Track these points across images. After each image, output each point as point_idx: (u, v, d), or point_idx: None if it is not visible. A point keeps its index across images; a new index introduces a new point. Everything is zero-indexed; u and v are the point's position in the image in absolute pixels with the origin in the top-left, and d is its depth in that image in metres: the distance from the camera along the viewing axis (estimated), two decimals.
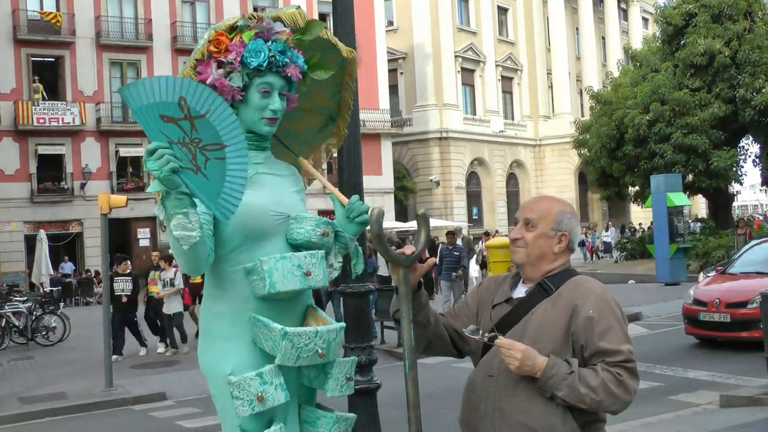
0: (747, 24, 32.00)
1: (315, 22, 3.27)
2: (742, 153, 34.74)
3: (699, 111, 31.55)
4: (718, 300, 13.47)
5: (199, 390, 12.08)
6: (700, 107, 31.67)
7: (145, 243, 38.29)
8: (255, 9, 38.37)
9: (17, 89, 35.89)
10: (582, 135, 38.62)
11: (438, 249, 20.51)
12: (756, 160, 35.08)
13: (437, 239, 18.76)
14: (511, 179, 57.72)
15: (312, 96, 3.45)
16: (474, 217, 52.37)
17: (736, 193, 39.13)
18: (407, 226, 38.64)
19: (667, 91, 31.72)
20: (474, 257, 25.84)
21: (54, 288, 28.58)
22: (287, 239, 3.14)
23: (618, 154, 33.93)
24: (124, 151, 37.85)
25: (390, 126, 46.80)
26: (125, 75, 38.93)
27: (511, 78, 58.72)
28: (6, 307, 19.60)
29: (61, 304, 26.34)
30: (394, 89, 50.78)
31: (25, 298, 21.50)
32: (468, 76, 54.49)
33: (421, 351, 3.15)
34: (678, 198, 27.20)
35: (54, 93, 37.11)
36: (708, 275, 16.56)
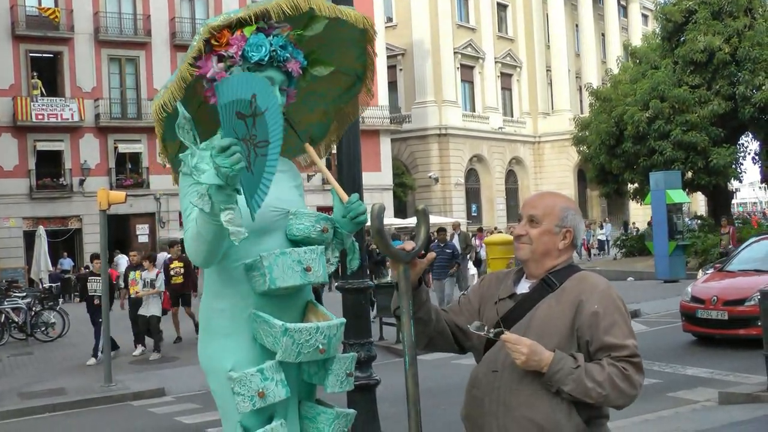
0: (747, 21, 31.95)
1: (318, 18, 3.27)
2: (741, 150, 34.69)
3: (698, 108, 31.51)
4: (715, 297, 13.47)
5: (199, 386, 12.09)
6: (699, 104, 31.63)
7: (144, 239, 38.27)
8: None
9: (16, 85, 35.85)
10: (581, 132, 38.57)
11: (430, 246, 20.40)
12: (755, 157, 35.04)
13: (434, 235, 18.73)
14: (510, 176, 57.71)
15: (337, 56, 3.44)
16: (473, 214, 52.36)
17: (735, 191, 39.06)
18: (406, 222, 38.66)
19: (667, 88, 31.68)
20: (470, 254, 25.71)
21: (53, 284, 28.59)
22: (287, 235, 3.15)
23: (617, 151, 33.89)
24: (123, 147, 37.81)
25: (389, 122, 46.77)
26: (124, 71, 38.90)
27: (511, 75, 58.69)
28: (5, 303, 19.59)
29: (60, 300, 26.31)
30: (393, 86, 50.77)
31: (24, 294, 21.50)
32: (467, 72, 54.46)
33: (423, 347, 3.14)
34: (677, 195, 27.17)
35: (53, 89, 37.06)
36: (707, 272, 16.56)
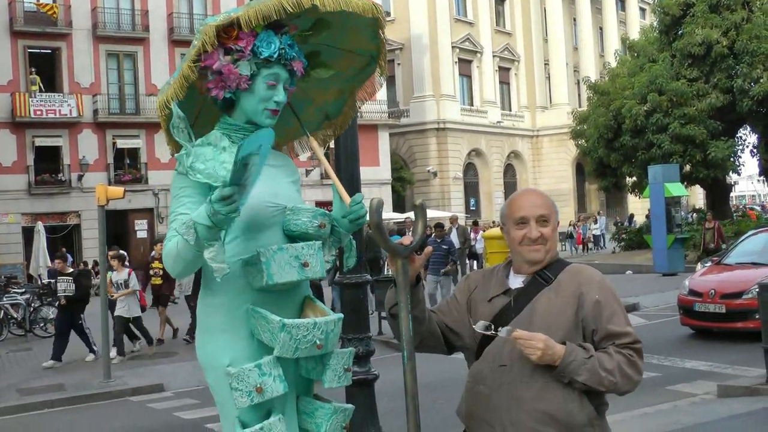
0: (745, 14, 31.90)
1: (325, 22, 3.29)
2: (739, 143, 34.67)
3: (697, 101, 31.49)
4: (713, 291, 13.48)
5: (197, 381, 12.09)
6: (697, 97, 31.61)
7: (143, 234, 38.26)
8: None
9: (14, 81, 35.80)
10: (579, 126, 38.57)
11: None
12: (754, 150, 35.02)
13: (430, 229, 18.66)
14: (509, 170, 57.72)
15: (350, 39, 3.45)
16: (471, 208, 52.37)
17: (733, 184, 39.03)
18: (404, 217, 38.62)
19: (665, 82, 31.66)
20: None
21: (52, 280, 28.47)
22: (284, 230, 3.14)
23: (615, 144, 33.88)
24: (121, 143, 37.78)
25: (387, 117, 46.75)
26: (122, 66, 38.85)
27: (509, 69, 58.67)
28: (4, 299, 19.59)
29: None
30: (391, 80, 50.74)
31: (23, 289, 21.53)
32: (465, 66, 54.43)
33: (415, 347, 3.14)
34: (675, 188, 27.18)
35: (51, 85, 37.02)
36: (705, 265, 16.57)
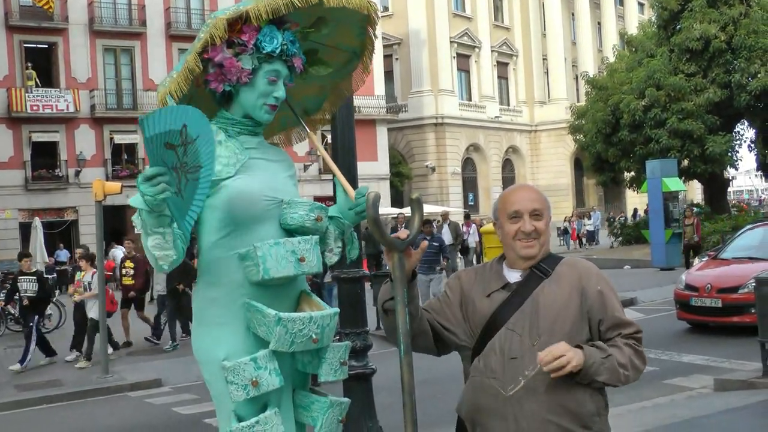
0: (743, 9, 31.92)
1: (326, 20, 3.31)
2: (737, 138, 34.73)
3: (694, 96, 31.52)
4: (709, 285, 13.51)
5: (195, 377, 12.09)
6: (695, 92, 31.64)
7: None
8: None
9: (10, 76, 35.71)
10: (578, 120, 38.58)
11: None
12: (751, 145, 35.07)
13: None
14: (507, 165, 57.73)
15: (336, 35, 3.44)
16: (470, 203, 52.38)
17: (731, 179, 39.08)
18: (402, 212, 38.64)
19: (663, 77, 31.68)
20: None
21: (49, 276, 28.53)
22: (281, 224, 3.14)
23: (613, 139, 33.91)
24: (118, 138, 37.71)
25: (385, 112, 46.70)
26: (119, 61, 38.75)
27: (507, 63, 58.65)
28: (1, 295, 19.55)
29: (57, 291, 26.34)
30: (389, 75, 50.69)
31: None
32: (463, 61, 54.40)
33: None
34: (673, 183, 27.23)
35: (47, 80, 36.91)
36: (703, 260, 16.60)
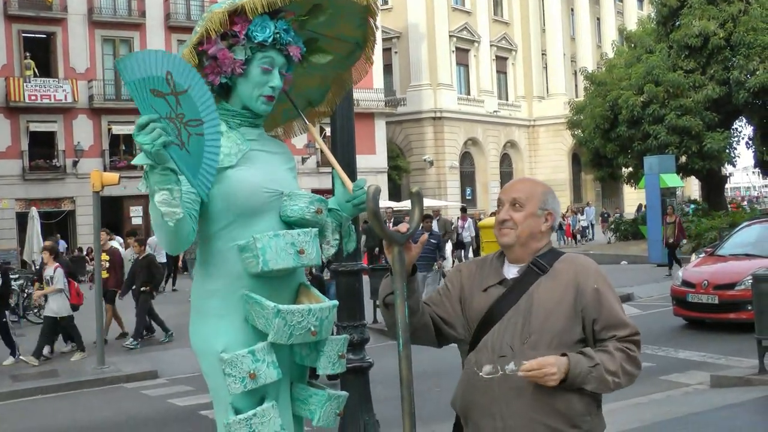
0: (742, 6, 31.93)
1: (322, 8, 3.29)
2: (735, 135, 34.78)
3: (693, 93, 31.55)
4: (706, 282, 13.52)
5: (192, 368, 12.08)
6: (694, 89, 31.66)
7: (138, 221, 38.15)
8: None
9: (8, 65, 35.66)
10: (576, 116, 38.60)
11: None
12: (749, 142, 35.12)
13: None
14: (505, 159, 57.72)
15: (337, 26, 3.43)
16: (467, 198, 52.39)
17: (728, 175, 39.11)
18: (401, 205, 38.66)
19: (662, 73, 31.71)
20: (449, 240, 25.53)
21: None
22: (280, 216, 3.13)
23: (612, 135, 33.93)
24: (116, 129, 37.67)
25: (384, 105, 46.70)
26: (118, 52, 38.65)
27: (506, 58, 58.60)
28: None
29: None
30: (388, 69, 50.64)
31: (17, 275, 21.43)
32: (462, 56, 54.34)
33: None
34: (671, 179, 27.26)
35: (45, 70, 36.87)
36: (700, 256, 16.62)
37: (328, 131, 4.44)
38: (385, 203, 39.33)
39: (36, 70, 36.16)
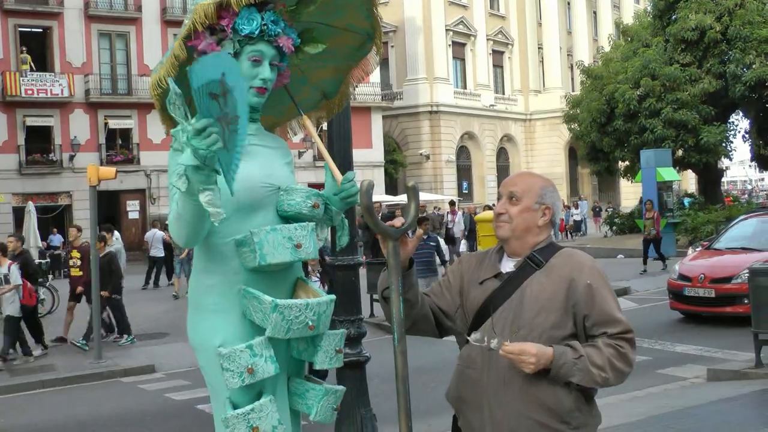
0: (738, 0, 31.90)
1: None
2: (731, 128, 34.77)
3: (689, 86, 31.52)
4: (702, 275, 13.54)
5: (188, 363, 12.11)
6: (690, 82, 31.65)
7: (135, 215, 38.20)
8: None
9: (5, 60, 35.59)
10: (572, 110, 38.55)
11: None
12: (746, 135, 35.13)
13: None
14: (502, 153, 57.70)
15: (345, 17, 3.43)
16: (464, 191, 52.38)
17: (725, 169, 39.11)
18: (397, 199, 38.65)
19: (658, 66, 31.68)
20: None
21: (42, 260, 28.50)
22: (277, 211, 3.13)
23: (608, 129, 33.91)
24: (113, 123, 37.65)
25: (380, 99, 46.66)
26: (114, 46, 38.63)
27: (502, 52, 58.53)
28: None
29: (50, 276, 26.33)
30: (384, 62, 50.53)
31: None
32: (459, 50, 54.29)
33: (406, 331, 3.11)
34: (668, 173, 27.27)
35: (42, 64, 36.80)
36: (696, 250, 16.63)
37: (324, 125, 4.43)
38: (383, 197, 39.37)
39: (32, 64, 36.07)
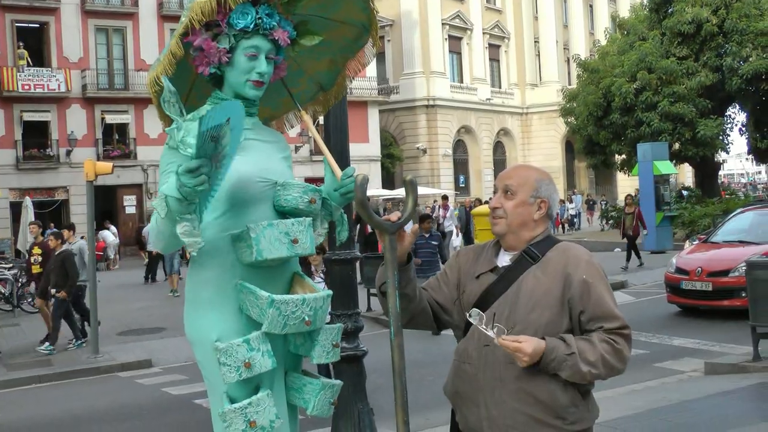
0: None
1: None
2: (728, 122, 34.75)
3: (686, 79, 31.50)
4: (700, 269, 13.54)
5: (185, 357, 12.12)
6: (687, 76, 31.62)
7: (131, 210, 38.15)
8: None
9: (2, 55, 35.48)
10: (569, 103, 38.51)
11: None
12: (742, 128, 35.12)
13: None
14: (498, 147, 57.70)
15: (341, 9, 3.43)
16: (461, 185, 52.38)
17: (722, 162, 39.06)
18: (394, 193, 38.67)
19: (655, 60, 31.66)
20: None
21: None
22: (274, 206, 3.13)
23: (605, 122, 33.88)
24: (110, 118, 37.57)
25: (377, 94, 46.60)
26: (111, 41, 38.53)
27: (499, 46, 58.51)
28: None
29: None
30: (381, 57, 50.50)
31: (11, 265, 21.43)
32: (455, 43, 54.25)
33: (404, 325, 3.11)
34: (664, 166, 27.28)
35: (39, 59, 36.71)
36: (693, 243, 16.65)
37: (321, 119, 4.42)
38: (380, 191, 39.38)
39: (29, 59, 35.99)
